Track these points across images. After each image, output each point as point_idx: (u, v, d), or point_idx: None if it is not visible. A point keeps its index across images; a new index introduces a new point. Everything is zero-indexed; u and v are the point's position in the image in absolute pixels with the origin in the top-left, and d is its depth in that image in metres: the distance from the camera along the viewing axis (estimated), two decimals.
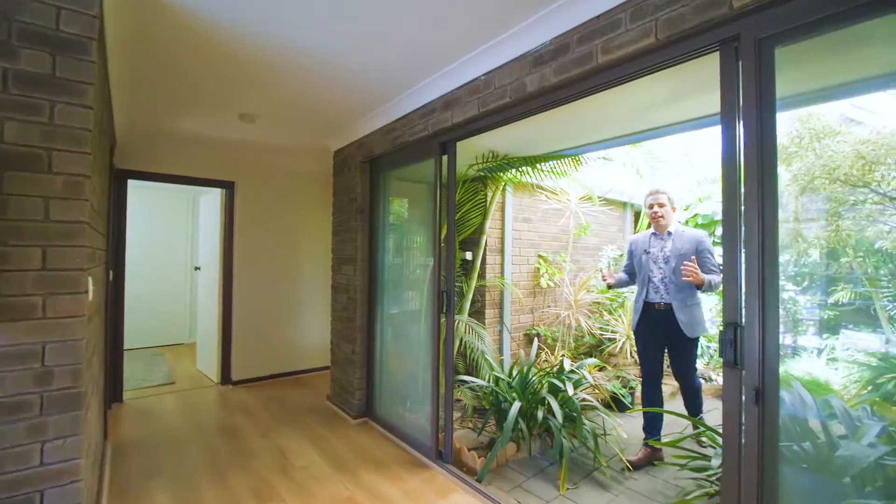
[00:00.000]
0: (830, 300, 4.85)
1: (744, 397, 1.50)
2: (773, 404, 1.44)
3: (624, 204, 5.52)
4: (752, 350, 1.47)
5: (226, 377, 4.45)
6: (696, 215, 5.41)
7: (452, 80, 2.50)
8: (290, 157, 4.61)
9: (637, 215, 5.47)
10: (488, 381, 3.13)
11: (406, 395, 3.29)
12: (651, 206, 2.90)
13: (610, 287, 3.16)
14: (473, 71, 2.36)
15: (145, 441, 3.11)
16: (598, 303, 4.41)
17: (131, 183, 4.49)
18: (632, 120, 2.61)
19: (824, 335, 4.77)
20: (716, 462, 2.18)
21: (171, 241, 6.28)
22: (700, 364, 4.61)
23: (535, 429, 2.88)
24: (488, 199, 3.82)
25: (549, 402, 2.78)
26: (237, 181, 4.50)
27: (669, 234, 2.88)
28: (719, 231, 5.19)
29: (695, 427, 2.81)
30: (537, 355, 3.33)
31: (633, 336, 3.08)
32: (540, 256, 4.48)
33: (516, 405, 2.71)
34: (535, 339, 3.27)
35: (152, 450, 2.97)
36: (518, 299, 4.20)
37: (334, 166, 4.01)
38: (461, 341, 3.46)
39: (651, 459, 2.79)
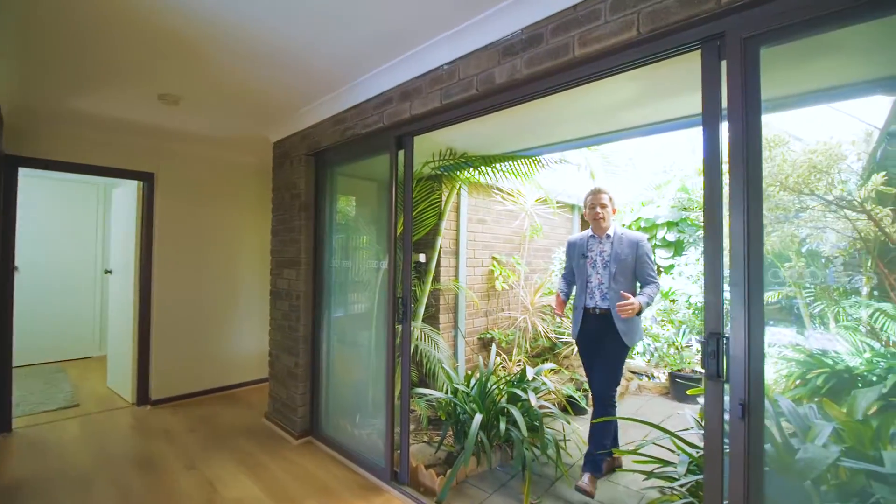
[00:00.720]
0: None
1: (727, 413, 1.44)
2: (759, 418, 1.39)
3: (572, 206, 5.59)
4: (737, 362, 1.41)
5: (143, 396, 3.90)
6: (638, 218, 5.60)
7: (412, 67, 2.28)
8: (222, 147, 4.14)
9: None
10: (447, 393, 2.95)
11: (357, 411, 3.03)
12: (592, 207, 2.71)
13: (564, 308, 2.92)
14: (436, 58, 2.17)
15: (39, 480, 2.59)
16: (552, 305, 4.40)
17: (27, 172, 3.80)
18: (598, 120, 2.54)
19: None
20: (681, 469, 2.16)
21: (77, 240, 5.48)
22: (642, 362, 4.76)
23: (496, 440, 2.74)
24: (444, 198, 3.65)
25: (510, 412, 2.65)
26: (157, 172, 3.96)
27: (609, 236, 2.70)
28: (660, 234, 5.41)
29: (598, 433, 2.61)
30: (495, 362, 3.22)
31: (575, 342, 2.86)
32: (494, 259, 4.38)
33: (478, 418, 2.55)
34: (493, 346, 3.15)
35: (47, 491, 2.47)
36: (473, 302, 4.07)
37: (274, 159, 3.64)
38: (416, 349, 3.25)
39: (611, 468, 2.76)
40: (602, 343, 2.66)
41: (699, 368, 4.34)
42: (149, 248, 3.91)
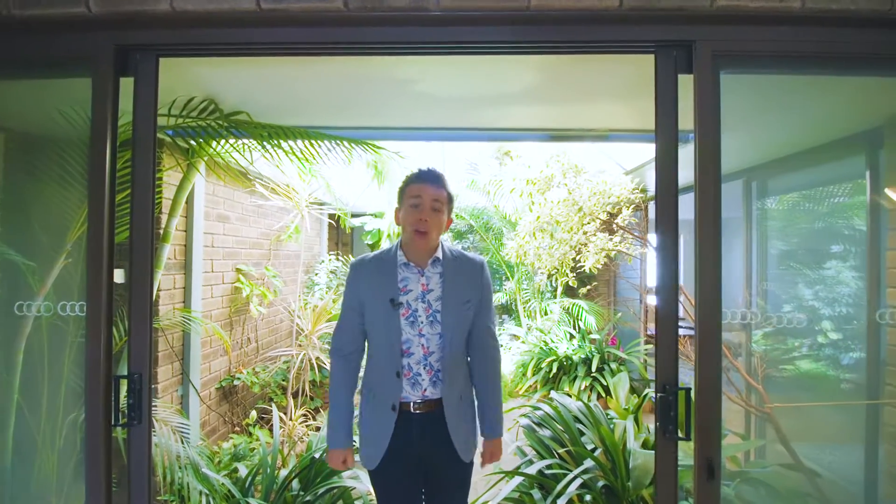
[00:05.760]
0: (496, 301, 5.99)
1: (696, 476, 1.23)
2: (720, 475, 1.25)
3: (322, 203, 4.82)
4: (704, 414, 1.22)
5: None
6: (379, 230, 5.33)
7: None
8: None
9: (338, 219, 4.84)
10: None
11: None
12: (415, 204, 1.42)
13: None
14: None
15: None
16: None
17: None
18: (473, 111, 1.97)
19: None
20: None
21: None
22: None
23: None
24: (174, 181, 2.24)
25: None
26: None
27: (438, 260, 1.49)
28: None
29: None
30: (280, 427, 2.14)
31: (369, 475, 1.55)
32: (239, 271, 3.14)
33: None
34: (274, 408, 2.11)
35: None
36: (217, 336, 2.74)
37: None
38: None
39: None
40: (433, 466, 1.50)
41: None
42: None
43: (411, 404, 1.45)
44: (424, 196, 1.42)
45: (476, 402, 1.59)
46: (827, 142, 2.09)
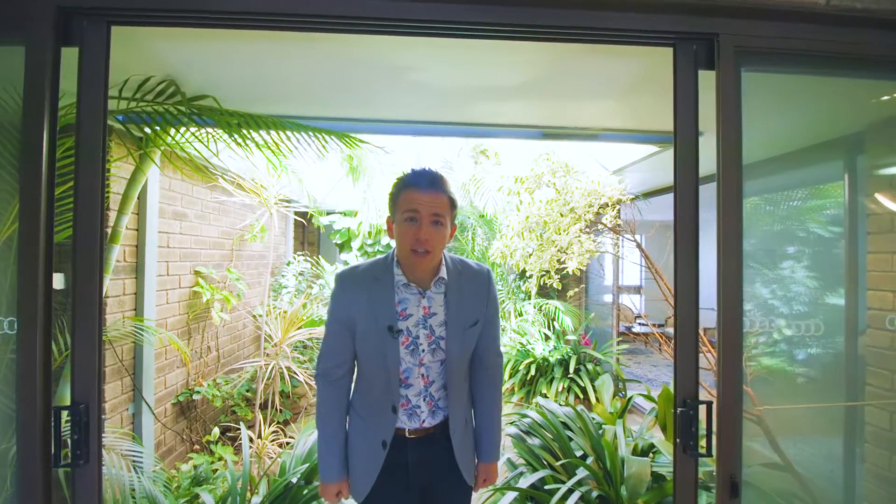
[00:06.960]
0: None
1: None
2: (741, 492, 1.19)
3: (289, 200, 4.55)
4: (728, 428, 1.16)
5: None
6: (349, 229, 5.07)
7: None
8: None
9: (310, 217, 4.58)
10: None
11: None
12: (411, 216, 1.22)
13: None
14: None
15: None
16: (314, 338, 3.24)
17: None
18: (466, 105, 1.83)
19: None
20: None
21: None
22: None
23: None
24: (129, 173, 1.98)
25: None
26: None
27: (442, 280, 1.31)
28: (385, 241, 5.16)
29: None
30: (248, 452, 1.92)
31: None
32: (198, 274, 2.86)
33: None
34: (243, 427, 1.89)
35: None
36: (174, 346, 2.47)
37: None
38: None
39: None
40: (433, 491, 1.36)
41: None
42: None
43: (406, 431, 1.32)
44: (422, 209, 1.21)
45: (474, 423, 1.46)
46: (809, 145, 2.12)
